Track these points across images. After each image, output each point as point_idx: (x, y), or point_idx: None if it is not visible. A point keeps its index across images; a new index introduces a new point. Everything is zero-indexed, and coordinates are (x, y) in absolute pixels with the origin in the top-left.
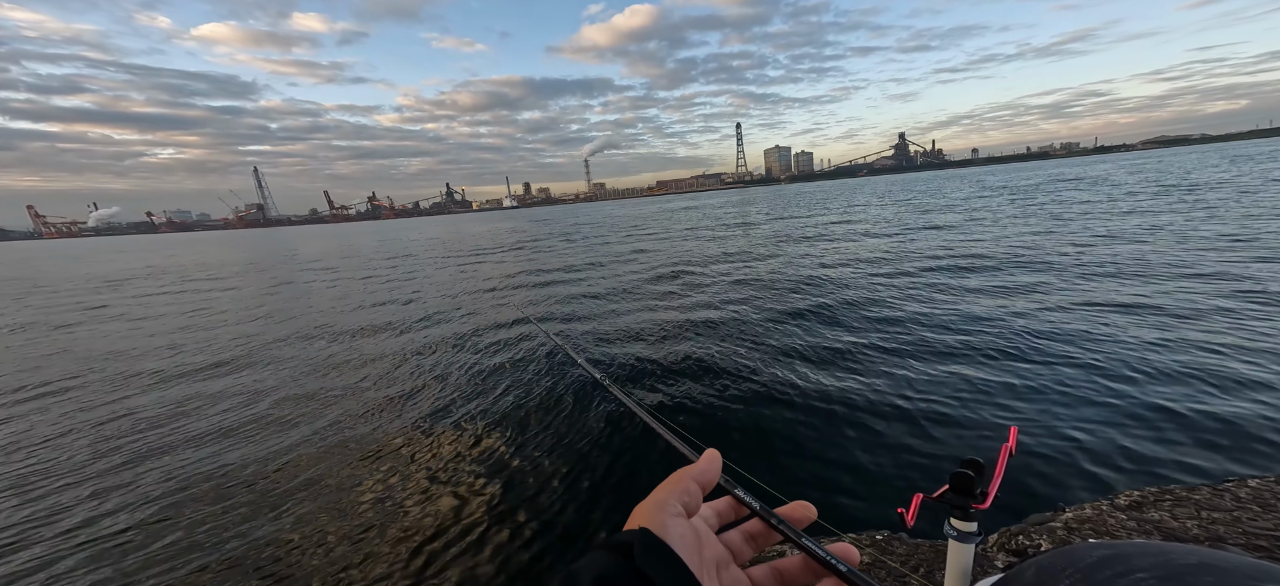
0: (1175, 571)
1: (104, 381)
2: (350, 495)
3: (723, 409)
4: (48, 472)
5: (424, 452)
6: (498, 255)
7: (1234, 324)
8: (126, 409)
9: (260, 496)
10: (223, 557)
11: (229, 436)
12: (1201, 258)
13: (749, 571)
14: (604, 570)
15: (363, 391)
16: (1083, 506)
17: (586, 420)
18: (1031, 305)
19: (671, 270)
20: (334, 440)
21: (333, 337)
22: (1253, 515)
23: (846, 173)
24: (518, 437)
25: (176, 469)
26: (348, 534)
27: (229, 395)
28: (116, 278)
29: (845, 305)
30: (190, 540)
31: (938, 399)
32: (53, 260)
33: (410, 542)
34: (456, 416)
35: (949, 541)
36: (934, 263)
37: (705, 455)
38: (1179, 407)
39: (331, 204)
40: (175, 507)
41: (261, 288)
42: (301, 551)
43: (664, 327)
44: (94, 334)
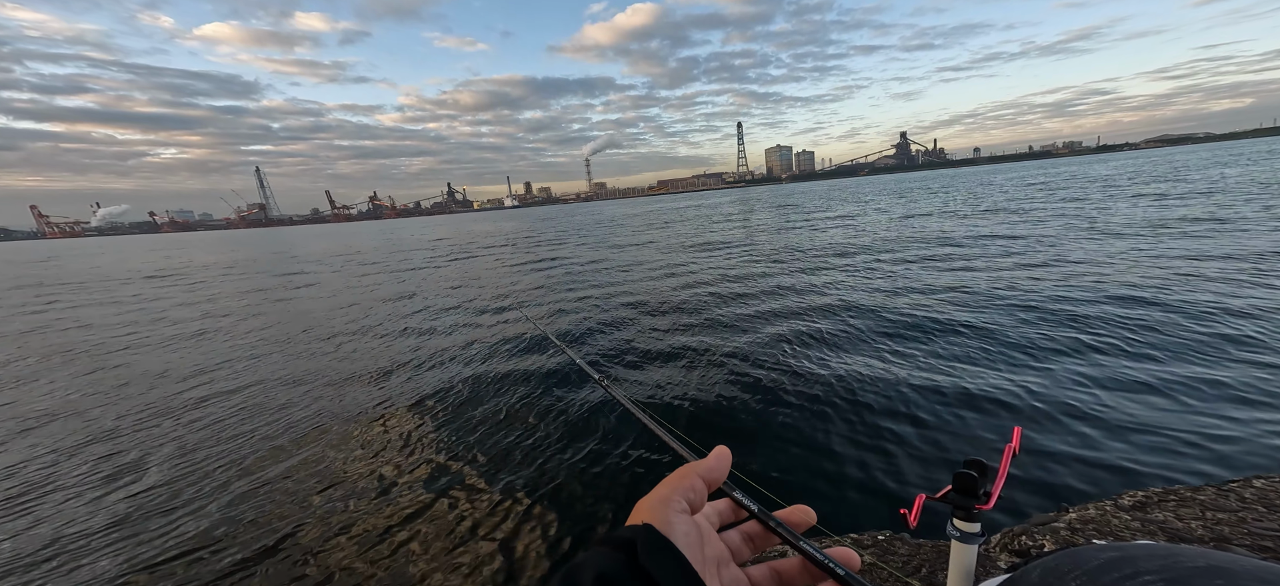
0: (1183, 574)
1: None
2: (348, 494)
3: (720, 410)
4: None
5: (422, 451)
6: (497, 255)
7: (1250, 323)
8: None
9: (251, 489)
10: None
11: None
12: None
13: (748, 570)
14: (606, 567)
15: (361, 390)
16: (1086, 506)
17: (585, 421)
18: (1038, 304)
19: (671, 270)
20: (332, 439)
21: (331, 338)
22: (1258, 516)
23: (848, 171)
24: (516, 437)
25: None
26: (346, 533)
27: (218, 398)
28: (172, 269)
29: (845, 304)
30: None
31: (939, 398)
32: (77, 259)
33: (409, 542)
34: (454, 416)
35: (952, 542)
36: (933, 263)
37: (714, 452)
38: (1179, 407)
39: (333, 204)
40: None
41: (270, 286)
42: (302, 550)
43: (663, 328)
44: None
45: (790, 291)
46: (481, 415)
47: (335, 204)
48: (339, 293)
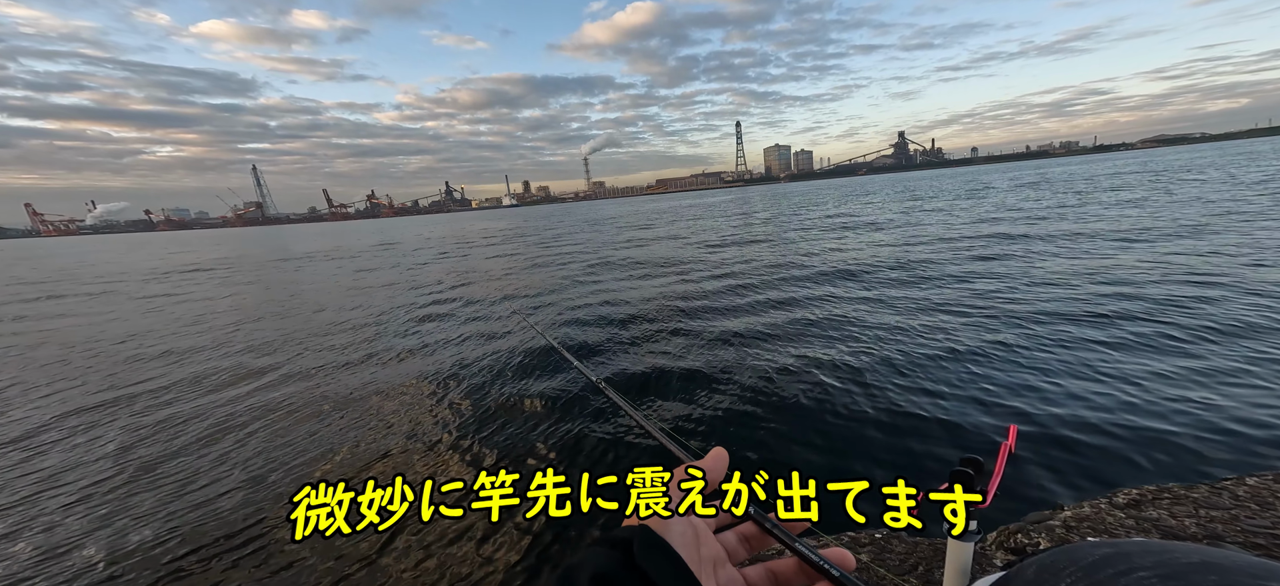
0: (1178, 570)
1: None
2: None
3: (719, 410)
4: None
5: (420, 451)
6: (497, 255)
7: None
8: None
9: (249, 485)
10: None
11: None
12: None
13: (744, 571)
14: (602, 566)
15: (358, 389)
16: (1081, 504)
17: (582, 422)
18: (1037, 302)
19: (670, 270)
20: (329, 437)
21: (328, 339)
22: (1251, 513)
23: (846, 171)
24: (511, 438)
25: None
26: (338, 533)
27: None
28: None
29: (844, 306)
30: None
31: (938, 397)
32: (82, 256)
33: (407, 541)
34: (451, 417)
35: (948, 540)
36: (933, 262)
37: (712, 453)
38: (1179, 408)
39: (330, 202)
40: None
41: (275, 283)
42: (297, 553)
43: (662, 329)
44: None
45: (788, 288)
46: (475, 415)
47: (332, 202)
48: (337, 288)
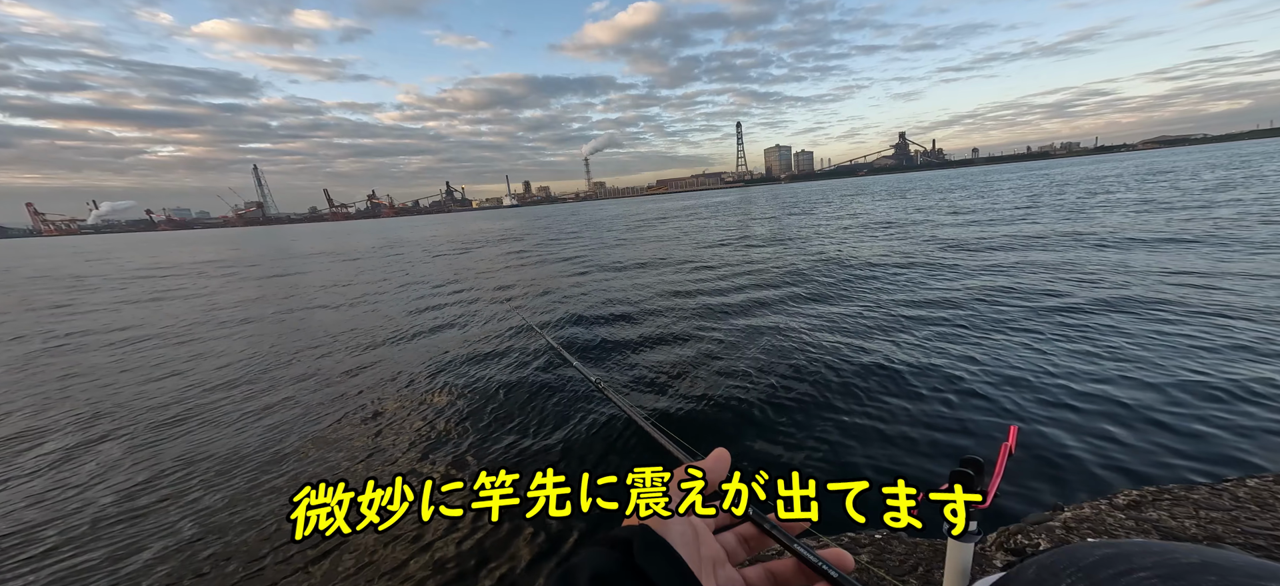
0: (1178, 570)
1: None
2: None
3: (719, 410)
4: None
5: (420, 451)
6: (496, 254)
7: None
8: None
9: (246, 482)
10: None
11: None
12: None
13: (743, 571)
14: (602, 566)
15: (357, 388)
16: (1081, 505)
17: (583, 423)
18: (1039, 301)
19: (670, 270)
20: (326, 437)
21: (327, 337)
22: (1251, 514)
23: (846, 172)
24: (514, 438)
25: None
26: (336, 533)
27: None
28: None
29: (844, 305)
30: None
31: (937, 397)
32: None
33: (406, 540)
34: (452, 417)
35: (948, 541)
36: (932, 262)
37: (713, 453)
38: (1179, 407)
39: (331, 202)
40: None
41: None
42: (295, 552)
43: (662, 329)
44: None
45: (788, 287)
46: (475, 415)
47: (333, 202)
48: (337, 286)
